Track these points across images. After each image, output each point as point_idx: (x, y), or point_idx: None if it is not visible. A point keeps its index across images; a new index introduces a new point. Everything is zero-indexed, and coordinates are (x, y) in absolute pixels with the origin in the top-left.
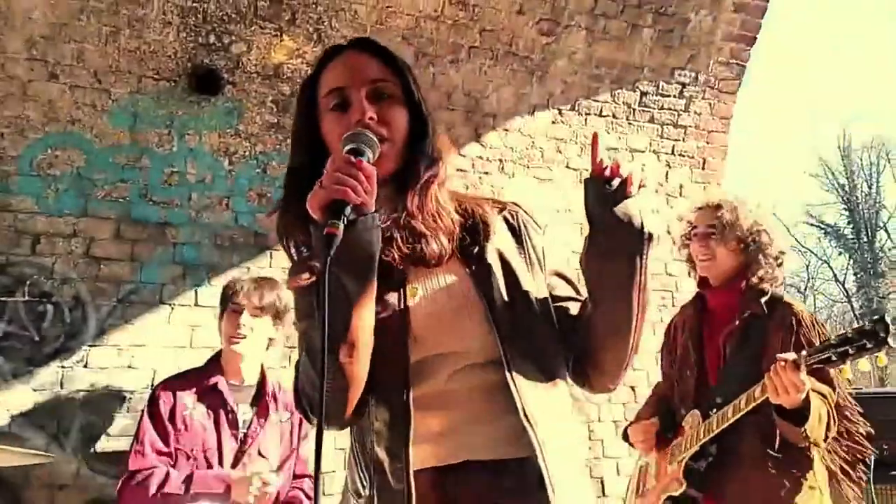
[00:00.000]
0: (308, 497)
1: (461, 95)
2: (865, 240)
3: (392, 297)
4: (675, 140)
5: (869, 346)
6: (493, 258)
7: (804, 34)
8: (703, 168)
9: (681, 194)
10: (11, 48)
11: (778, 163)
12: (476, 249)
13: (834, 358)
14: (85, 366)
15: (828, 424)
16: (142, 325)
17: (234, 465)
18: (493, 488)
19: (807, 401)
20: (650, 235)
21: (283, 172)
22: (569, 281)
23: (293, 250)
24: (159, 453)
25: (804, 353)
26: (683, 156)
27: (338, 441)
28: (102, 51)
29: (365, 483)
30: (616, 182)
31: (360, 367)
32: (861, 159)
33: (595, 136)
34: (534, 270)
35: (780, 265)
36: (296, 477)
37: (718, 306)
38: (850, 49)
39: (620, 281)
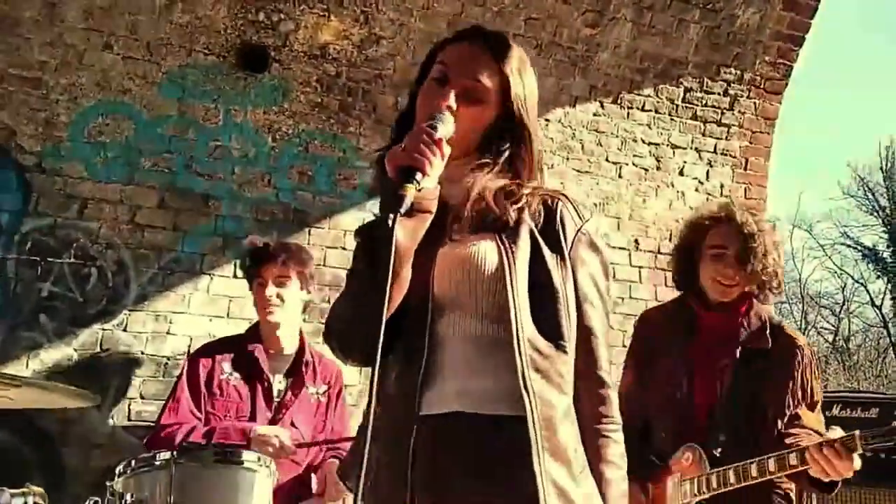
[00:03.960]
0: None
1: None
2: None
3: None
4: (718, 138)
5: None
6: (525, 232)
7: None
8: (746, 168)
9: (721, 194)
10: (70, 17)
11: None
12: (511, 224)
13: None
14: (124, 329)
15: None
16: (181, 293)
17: None
18: (479, 446)
19: None
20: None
21: (325, 152)
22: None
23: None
24: (193, 414)
25: (858, 433)
26: (726, 154)
27: None
28: (155, 24)
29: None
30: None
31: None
32: None
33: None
34: (557, 257)
35: (779, 289)
36: (333, 442)
37: (713, 329)
38: None
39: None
